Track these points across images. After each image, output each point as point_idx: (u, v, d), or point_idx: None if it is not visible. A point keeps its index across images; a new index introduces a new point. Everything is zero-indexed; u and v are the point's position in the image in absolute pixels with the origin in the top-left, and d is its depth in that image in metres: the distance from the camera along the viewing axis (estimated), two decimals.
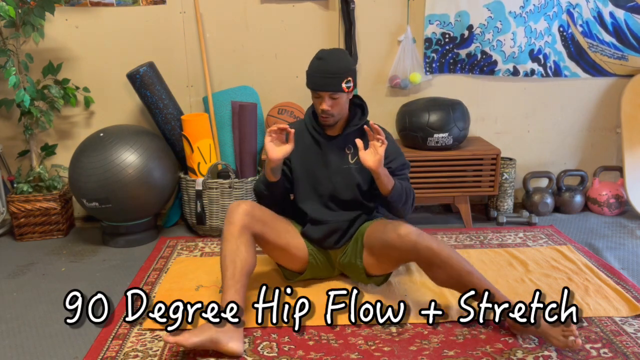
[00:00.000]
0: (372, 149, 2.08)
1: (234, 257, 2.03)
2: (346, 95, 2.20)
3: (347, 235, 2.33)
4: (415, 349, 1.94)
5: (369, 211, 2.36)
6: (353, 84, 2.18)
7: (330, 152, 2.29)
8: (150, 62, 3.04)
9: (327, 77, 2.13)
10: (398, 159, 2.28)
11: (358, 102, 2.34)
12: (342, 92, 2.16)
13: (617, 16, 3.22)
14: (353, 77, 2.18)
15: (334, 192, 2.29)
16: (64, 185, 3.15)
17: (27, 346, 2.04)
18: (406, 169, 2.32)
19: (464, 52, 3.23)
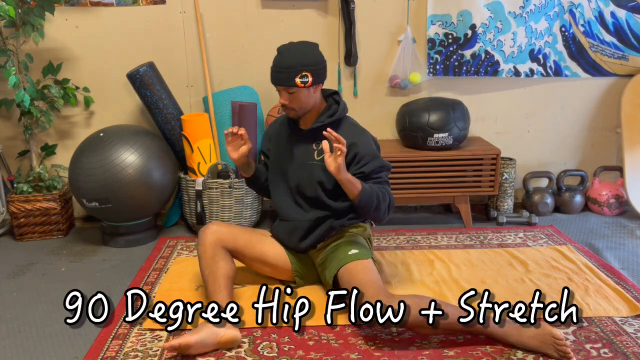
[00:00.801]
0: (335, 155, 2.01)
1: (212, 269, 2.14)
2: (305, 91, 2.14)
3: (310, 238, 2.27)
4: (415, 349, 1.94)
5: (338, 214, 2.26)
6: (313, 79, 2.12)
7: (298, 145, 2.29)
8: (150, 62, 3.04)
9: (281, 71, 2.13)
10: (372, 162, 2.17)
11: (337, 99, 2.29)
12: (296, 87, 2.12)
13: (618, 16, 3.22)
14: (313, 71, 2.12)
15: (299, 187, 2.28)
16: (64, 185, 3.15)
17: (27, 346, 2.04)
18: (383, 171, 2.21)
19: (468, 52, 3.22)
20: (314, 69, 2.13)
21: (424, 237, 2.97)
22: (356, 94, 3.30)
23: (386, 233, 3.03)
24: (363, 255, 2.14)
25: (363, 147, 2.17)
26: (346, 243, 2.21)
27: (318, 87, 2.20)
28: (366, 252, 2.18)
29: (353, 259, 2.11)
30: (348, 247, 2.18)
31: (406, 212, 3.47)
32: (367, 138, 2.22)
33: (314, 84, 2.15)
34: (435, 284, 2.42)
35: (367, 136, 2.24)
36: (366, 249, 2.21)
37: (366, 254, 2.16)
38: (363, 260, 2.11)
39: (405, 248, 2.83)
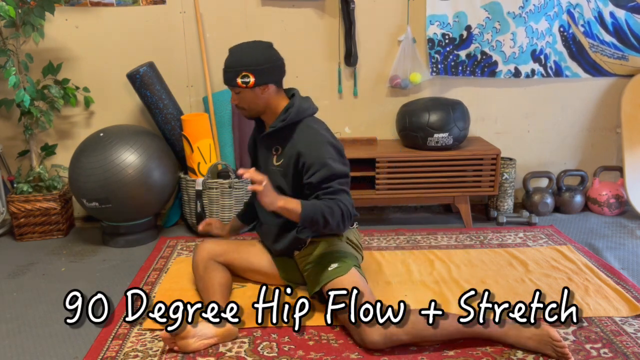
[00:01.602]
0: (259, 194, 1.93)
1: (204, 281, 2.22)
2: (249, 91, 2.10)
3: (282, 242, 2.24)
4: (415, 349, 1.94)
5: None
6: (256, 80, 2.06)
7: (262, 149, 2.28)
8: (150, 62, 3.04)
9: (225, 71, 2.12)
10: (320, 172, 2.04)
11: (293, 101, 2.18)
12: (239, 87, 2.09)
13: (617, 16, 3.22)
14: (255, 72, 2.06)
15: None
16: (64, 185, 3.15)
17: (27, 346, 2.04)
18: (335, 179, 2.05)
19: (463, 53, 3.23)
20: (256, 69, 2.07)
21: (424, 237, 2.98)
22: (356, 94, 3.30)
23: (386, 233, 3.03)
24: (343, 269, 2.08)
25: (311, 155, 2.06)
26: (326, 256, 2.16)
27: (267, 87, 2.11)
28: (348, 262, 2.12)
29: (333, 275, 2.07)
30: (328, 261, 2.13)
31: (406, 212, 3.47)
32: (319, 144, 2.08)
33: (257, 85, 2.08)
34: (435, 284, 2.42)
35: (319, 142, 2.09)
36: (348, 258, 2.15)
37: (347, 266, 2.10)
38: (343, 276, 2.06)
39: (405, 248, 2.83)
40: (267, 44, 2.15)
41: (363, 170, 3.06)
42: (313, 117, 2.21)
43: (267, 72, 2.09)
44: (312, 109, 2.22)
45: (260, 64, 2.08)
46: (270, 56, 2.12)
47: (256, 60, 2.08)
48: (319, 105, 3.26)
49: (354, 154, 3.05)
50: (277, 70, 2.14)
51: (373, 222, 3.28)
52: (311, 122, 2.16)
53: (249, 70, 2.07)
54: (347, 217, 2.04)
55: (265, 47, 2.13)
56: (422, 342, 1.94)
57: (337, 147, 2.12)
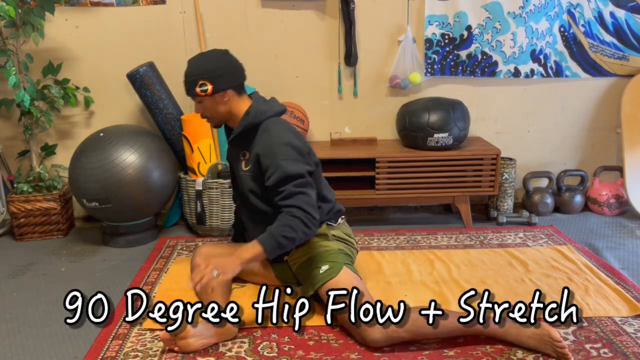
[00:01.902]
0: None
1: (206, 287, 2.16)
2: (209, 99, 2.12)
3: None
4: (415, 349, 1.94)
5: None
6: (214, 87, 2.08)
7: (233, 155, 2.28)
8: (150, 62, 3.04)
9: (184, 82, 2.15)
10: (275, 175, 2.03)
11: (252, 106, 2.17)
12: (199, 96, 2.11)
13: (617, 16, 3.22)
14: (212, 79, 2.08)
15: (241, 196, 2.27)
16: (64, 185, 3.15)
17: (27, 346, 2.04)
18: (290, 181, 2.02)
19: (464, 53, 3.23)
20: (213, 76, 2.09)
21: (424, 237, 2.98)
22: (356, 94, 3.30)
23: (386, 233, 3.03)
24: (335, 270, 2.08)
25: (267, 157, 2.06)
26: (315, 258, 2.15)
27: (226, 93, 2.12)
28: (338, 262, 2.11)
29: (326, 278, 2.07)
30: (318, 264, 2.12)
31: (406, 212, 3.47)
32: (274, 146, 2.06)
33: (216, 91, 2.10)
34: (435, 284, 2.42)
35: (275, 143, 2.07)
36: (338, 257, 2.14)
37: (338, 266, 2.09)
38: (335, 278, 2.06)
39: (405, 248, 2.83)
40: (222, 51, 2.18)
41: (363, 170, 3.06)
42: (275, 118, 2.18)
43: (224, 78, 2.11)
44: (275, 110, 2.19)
45: (217, 71, 2.10)
46: (226, 62, 2.14)
47: (212, 67, 2.10)
48: (319, 105, 3.31)
49: (354, 154, 3.06)
50: (234, 75, 2.15)
51: (373, 222, 3.28)
52: (271, 123, 2.14)
53: (205, 78, 2.09)
54: (309, 221, 2.00)
55: (220, 54, 2.16)
56: (423, 339, 1.95)
57: (296, 146, 2.08)
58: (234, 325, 2.01)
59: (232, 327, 2.01)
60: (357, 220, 3.31)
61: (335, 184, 3.12)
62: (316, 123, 3.32)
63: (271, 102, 2.24)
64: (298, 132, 2.19)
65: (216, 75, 2.09)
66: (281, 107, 2.24)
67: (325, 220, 2.24)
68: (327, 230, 2.23)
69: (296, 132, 2.17)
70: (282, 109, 2.23)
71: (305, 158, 2.10)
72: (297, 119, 3.11)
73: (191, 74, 2.12)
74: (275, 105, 2.22)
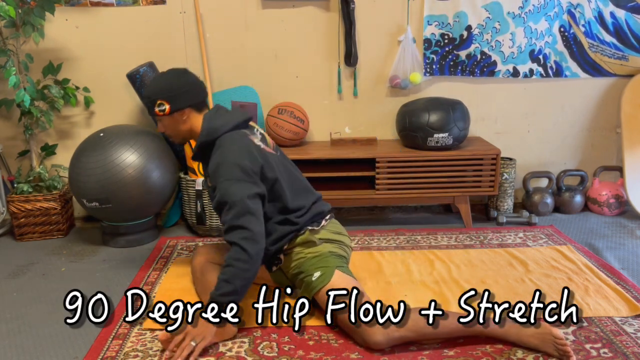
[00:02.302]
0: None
1: (202, 283, 2.21)
2: (168, 118, 2.14)
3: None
4: (415, 349, 1.94)
5: None
6: (171, 106, 2.10)
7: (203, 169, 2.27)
8: (150, 62, 3.04)
9: (144, 103, 2.18)
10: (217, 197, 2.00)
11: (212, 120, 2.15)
12: (158, 116, 2.15)
13: (617, 16, 3.22)
14: (168, 98, 2.10)
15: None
16: (64, 185, 3.15)
17: (27, 346, 2.04)
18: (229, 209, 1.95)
19: (463, 53, 3.23)
20: (169, 95, 2.11)
21: (424, 237, 2.98)
22: (356, 94, 3.30)
23: (386, 233, 3.03)
24: (327, 276, 2.06)
25: (213, 177, 2.04)
26: (305, 265, 2.14)
27: (184, 112, 2.13)
28: (330, 267, 2.09)
29: (318, 285, 2.06)
30: (310, 271, 2.11)
31: (406, 212, 3.47)
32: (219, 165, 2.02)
33: (174, 111, 2.12)
34: (435, 284, 2.42)
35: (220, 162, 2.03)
36: (329, 261, 2.12)
37: (330, 271, 2.07)
38: (328, 284, 2.04)
39: (405, 248, 2.83)
40: (180, 70, 2.20)
41: (363, 170, 3.06)
42: (231, 133, 2.11)
43: (181, 97, 2.12)
44: (232, 123, 2.13)
45: (174, 90, 2.12)
46: (183, 81, 2.15)
47: (169, 87, 2.12)
48: (319, 105, 3.31)
49: (354, 154, 3.06)
50: (192, 93, 2.15)
51: (373, 222, 3.28)
52: (224, 140, 2.09)
53: (162, 98, 2.11)
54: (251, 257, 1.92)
55: (177, 74, 2.17)
56: (424, 339, 1.94)
57: (243, 165, 2.01)
58: (234, 325, 2.01)
59: (232, 327, 2.01)
60: (357, 220, 3.32)
61: (335, 184, 3.14)
62: (316, 123, 3.32)
63: (229, 115, 2.17)
64: (252, 147, 2.08)
65: (173, 95, 2.12)
66: (241, 117, 2.17)
67: (305, 226, 2.20)
68: (311, 236, 2.18)
69: (248, 148, 2.07)
70: (242, 120, 2.16)
71: (252, 178, 2.02)
72: (297, 119, 3.11)
73: (149, 94, 2.15)
74: (234, 117, 2.15)
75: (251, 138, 2.13)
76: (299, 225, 2.18)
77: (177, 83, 2.14)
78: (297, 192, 2.22)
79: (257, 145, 2.12)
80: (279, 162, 2.20)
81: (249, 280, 1.97)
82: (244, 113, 2.22)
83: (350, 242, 2.32)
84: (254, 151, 2.07)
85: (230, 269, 1.93)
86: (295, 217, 2.18)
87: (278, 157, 2.23)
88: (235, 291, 1.92)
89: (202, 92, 2.20)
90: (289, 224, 2.17)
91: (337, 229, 2.29)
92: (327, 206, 2.32)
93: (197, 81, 2.20)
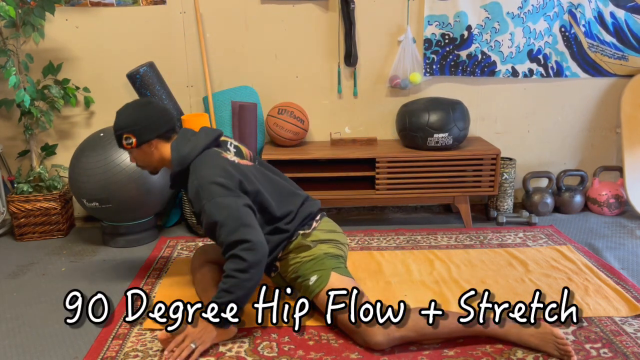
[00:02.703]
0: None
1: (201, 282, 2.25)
2: (137, 151, 2.14)
3: None
4: (415, 349, 1.94)
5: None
6: (137, 139, 2.09)
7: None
8: (150, 62, 3.04)
9: (113, 136, 2.17)
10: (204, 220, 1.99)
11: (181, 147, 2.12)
12: (126, 149, 2.15)
13: (617, 16, 3.22)
14: (134, 132, 2.09)
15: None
16: (64, 185, 3.15)
17: (27, 346, 2.04)
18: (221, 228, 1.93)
19: (464, 53, 3.23)
20: (135, 128, 2.09)
21: (424, 237, 2.98)
22: (356, 94, 3.30)
23: (386, 233, 3.04)
24: (323, 280, 2.06)
25: (195, 202, 2.02)
26: (302, 270, 2.13)
27: (152, 143, 2.12)
28: (326, 269, 2.08)
29: (316, 289, 2.06)
30: (307, 275, 2.11)
31: (406, 212, 3.47)
32: (198, 189, 2.00)
33: (140, 143, 2.11)
34: (435, 284, 2.42)
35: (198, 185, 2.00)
36: (325, 263, 2.11)
37: (326, 274, 2.07)
38: (325, 288, 2.04)
39: (405, 248, 2.83)
40: (144, 101, 2.19)
41: (363, 170, 3.06)
42: (202, 156, 2.09)
43: (147, 130, 2.11)
44: (200, 146, 2.10)
45: (138, 124, 2.10)
46: (147, 113, 2.13)
47: (133, 121, 2.11)
48: (319, 105, 3.31)
49: (354, 154, 3.06)
50: (157, 125, 2.13)
51: (373, 222, 3.28)
52: (197, 164, 2.07)
53: (128, 132, 2.11)
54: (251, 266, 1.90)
55: (141, 105, 2.16)
56: (425, 339, 1.95)
57: (221, 183, 1.98)
58: (234, 325, 2.01)
59: (232, 327, 2.01)
60: (357, 220, 3.32)
61: (335, 184, 3.14)
62: (316, 123, 3.32)
63: (196, 139, 2.14)
64: (225, 164, 2.06)
65: (139, 128, 2.10)
66: (210, 137, 2.14)
67: (296, 231, 2.19)
68: (303, 240, 2.17)
69: (222, 166, 2.04)
70: (211, 140, 2.13)
71: (234, 192, 2.00)
72: (297, 119, 3.11)
73: (116, 128, 2.14)
74: (201, 140, 2.12)
75: (224, 156, 2.10)
76: (290, 232, 2.16)
77: (142, 116, 2.12)
78: (282, 198, 2.19)
79: (231, 161, 2.10)
80: (258, 172, 2.17)
81: (250, 289, 1.94)
82: (213, 132, 2.18)
83: (346, 239, 2.30)
84: (228, 168, 2.04)
85: (230, 279, 1.91)
86: (285, 224, 2.15)
87: (256, 167, 2.20)
88: (237, 299, 1.92)
89: (168, 122, 2.16)
90: (279, 232, 2.14)
91: (330, 227, 2.27)
92: (316, 205, 2.29)
93: (161, 112, 2.16)
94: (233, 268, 1.90)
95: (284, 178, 2.31)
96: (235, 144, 2.25)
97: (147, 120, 2.11)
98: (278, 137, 3.12)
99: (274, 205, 2.13)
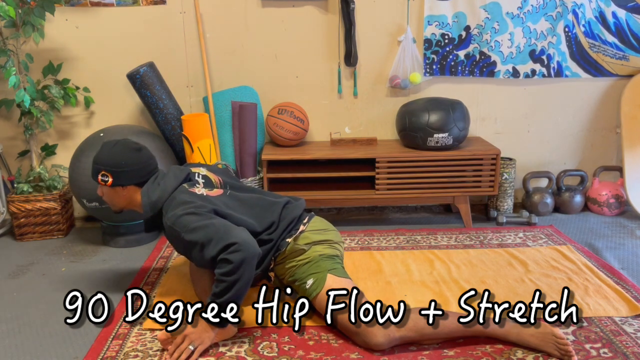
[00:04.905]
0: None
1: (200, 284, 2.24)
2: (108, 188, 2.14)
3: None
4: (415, 349, 1.94)
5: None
6: (113, 180, 2.10)
7: None
8: (150, 62, 3.04)
9: (92, 165, 2.16)
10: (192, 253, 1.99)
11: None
12: (99, 184, 2.15)
13: (619, 16, 3.22)
14: (113, 173, 2.10)
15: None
16: (64, 185, 3.16)
17: (27, 346, 2.04)
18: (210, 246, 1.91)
19: (462, 53, 3.23)
20: (115, 170, 2.10)
21: (424, 237, 2.98)
22: (356, 94, 3.30)
23: (386, 233, 3.04)
24: (319, 283, 2.05)
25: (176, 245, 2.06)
26: (298, 274, 2.13)
27: (127, 188, 2.13)
28: (322, 272, 2.08)
29: (313, 293, 2.06)
30: (304, 279, 2.10)
31: (406, 212, 3.47)
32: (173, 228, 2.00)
33: (115, 185, 2.12)
34: (435, 284, 2.42)
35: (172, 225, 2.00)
36: (320, 265, 2.10)
37: (322, 276, 2.06)
38: (322, 291, 2.04)
39: (405, 248, 2.83)
40: (135, 146, 2.17)
41: (363, 170, 3.06)
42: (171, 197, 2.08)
43: (126, 175, 2.12)
44: (168, 190, 2.10)
45: (120, 167, 2.11)
46: (134, 160, 2.13)
47: (117, 162, 2.11)
48: (319, 105, 3.31)
49: (354, 154, 3.06)
50: (138, 173, 2.14)
51: (373, 222, 3.28)
52: (168, 205, 2.07)
53: (107, 170, 2.11)
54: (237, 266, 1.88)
55: (130, 150, 2.15)
56: (425, 339, 1.95)
57: (192, 212, 1.99)
58: (234, 325, 2.02)
59: (232, 327, 2.01)
60: (357, 220, 3.32)
61: (335, 184, 3.14)
62: (316, 123, 3.32)
63: (164, 182, 2.13)
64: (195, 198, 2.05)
65: (119, 171, 2.11)
66: (179, 178, 2.14)
67: (282, 239, 2.17)
68: (295, 244, 2.16)
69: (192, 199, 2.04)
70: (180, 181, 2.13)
71: (205, 215, 1.99)
72: (297, 119, 3.11)
73: (97, 160, 2.13)
74: (169, 183, 2.12)
75: (193, 191, 2.10)
76: (274, 240, 2.15)
77: (128, 161, 2.12)
78: (261, 213, 2.17)
79: (200, 194, 2.10)
80: (230, 199, 2.16)
81: (241, 288, 1.91)
82: (181, 171, 2.17)
83: (340, 237, 2.27)
84: (198, 202, 2.04)
85: (220, 283, 1.89)
86: (267, 234, 2.14)
87: (227, 195, 2.18)
88: (229, 300, 1.90)
89: (150, 172, 2.17)
90: (262, 244, 2.12)
91: (321, 226, 2.25)
92: (299, 207, 2.25)
93: (147, 161, 2.16)
94: (221, 272, 1.89)
95: (258, 192, 2.29)
96: (203, 174, 2.23)
97: (130, 167, 2.12)
98: (278, 137, 3.12)
99: (255, 224, 2.11)
